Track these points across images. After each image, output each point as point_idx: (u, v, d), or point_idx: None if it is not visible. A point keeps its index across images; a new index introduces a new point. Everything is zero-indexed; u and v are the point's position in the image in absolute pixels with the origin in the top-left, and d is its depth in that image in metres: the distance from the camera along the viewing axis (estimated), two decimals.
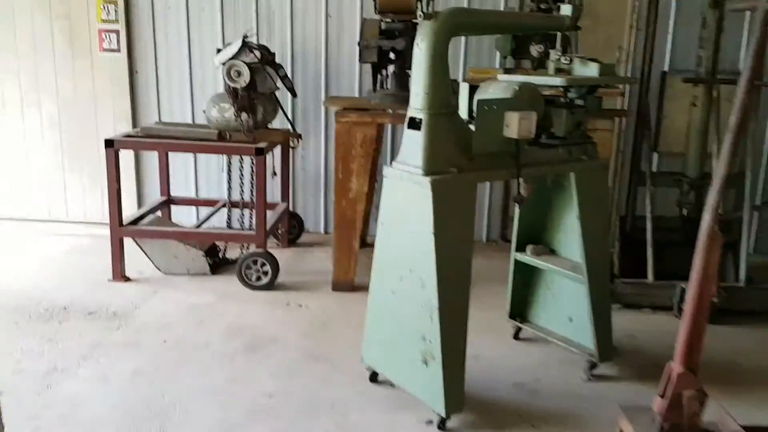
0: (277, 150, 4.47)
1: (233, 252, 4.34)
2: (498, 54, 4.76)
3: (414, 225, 2.46)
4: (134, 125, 4.93)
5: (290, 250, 4.73)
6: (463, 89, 2.67)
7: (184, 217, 5.03)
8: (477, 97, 2.57)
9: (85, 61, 4.86)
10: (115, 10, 4.80)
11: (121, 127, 4.89)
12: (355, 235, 3.90)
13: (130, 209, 4.91)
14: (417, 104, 2.45)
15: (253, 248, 4.01)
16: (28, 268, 4.16)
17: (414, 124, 2.46)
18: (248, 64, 3.88)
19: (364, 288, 3.94)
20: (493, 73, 4.27)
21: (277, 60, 4.25)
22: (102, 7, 4.80)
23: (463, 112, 2.64)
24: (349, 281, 3.94)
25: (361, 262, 3.90)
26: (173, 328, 3.34)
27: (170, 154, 4.64)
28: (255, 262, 3.91)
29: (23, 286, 3.83)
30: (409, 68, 4.01)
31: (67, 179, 5.05)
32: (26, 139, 4.99)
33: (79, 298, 3.68)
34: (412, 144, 2.47)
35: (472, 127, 2.54)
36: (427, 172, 2.41)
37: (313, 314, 3.62)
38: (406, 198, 2.50)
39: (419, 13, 2.38)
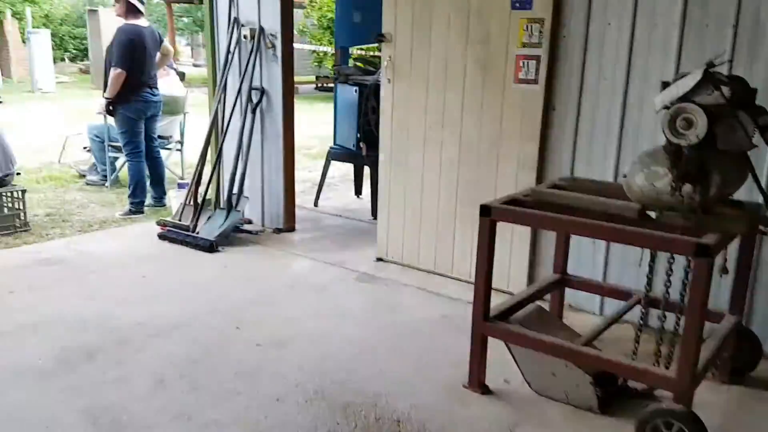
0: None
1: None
2: None
3: None
4: (540, 175, 3.92)
5: (733, 391, 3.02)
6: None
7: (584, 302, 3.80)
8: None
9: (496, 93, 4.03)
10: (540, 31, 3.83)
11: (524, 177, 3.94)
12: None
13: (519, 276, 3.96)
14: None
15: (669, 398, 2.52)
16: (389, 342, 3.55)
17: None
18: (707, 108, 2.42)
19: None
20: None
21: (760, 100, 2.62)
22: (525, 27, 3.89)
23: None
24: None
25: None
26: None
27: None
28: (669, 427, 2.42)
29: (368, 376, 3.15)
30: None
31: (457, 230, 4.35)
32: (423, 180, 4.47)
33: (418, 407, 2.81)
34: None
35: None
36: None
37: None
38: None
39: None
